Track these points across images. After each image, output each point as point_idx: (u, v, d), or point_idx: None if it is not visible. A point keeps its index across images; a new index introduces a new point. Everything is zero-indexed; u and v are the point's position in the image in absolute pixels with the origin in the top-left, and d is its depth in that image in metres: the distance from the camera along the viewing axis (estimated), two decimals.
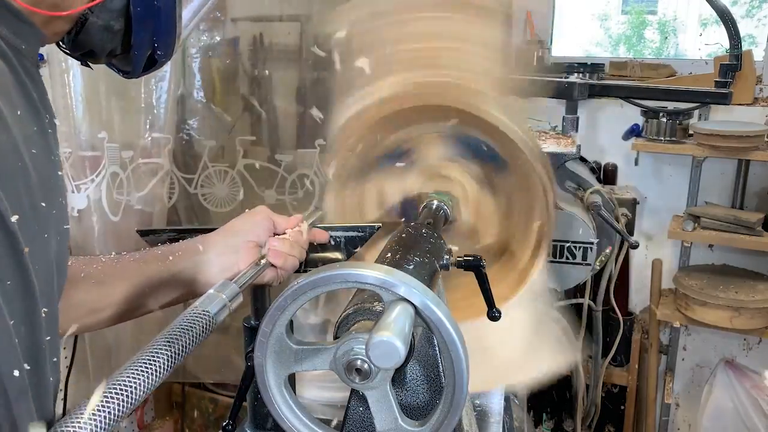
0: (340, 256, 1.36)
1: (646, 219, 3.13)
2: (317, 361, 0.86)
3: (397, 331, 0.74)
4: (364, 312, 0.92)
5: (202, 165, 3.16)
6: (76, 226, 2.76)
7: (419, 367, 0.97)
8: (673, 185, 3.07)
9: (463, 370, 0.80)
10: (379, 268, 0.80)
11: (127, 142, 2.84)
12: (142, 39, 0.96)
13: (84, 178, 2.71)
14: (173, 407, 3.62)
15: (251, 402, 1.45)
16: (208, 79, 3.19)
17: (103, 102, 2.76)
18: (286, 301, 0.82)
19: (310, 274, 0.81)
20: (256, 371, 0.87)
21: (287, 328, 0.85)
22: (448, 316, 0.79)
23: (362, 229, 1.37)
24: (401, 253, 1.10)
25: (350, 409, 0.96)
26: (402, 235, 1.21)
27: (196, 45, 3.17)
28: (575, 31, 3.59)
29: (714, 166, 2.95)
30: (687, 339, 3.24)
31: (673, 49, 3.55)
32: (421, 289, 0.79)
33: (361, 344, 0.82)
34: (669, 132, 2.77)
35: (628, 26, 3.72)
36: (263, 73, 3.24)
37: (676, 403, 3.31)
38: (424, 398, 0.97)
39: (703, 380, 3.19)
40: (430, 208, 1.50)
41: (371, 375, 0.82)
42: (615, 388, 3.24)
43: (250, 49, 3.26)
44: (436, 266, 1.15)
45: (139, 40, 0.96)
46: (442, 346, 0.81)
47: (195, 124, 3.17)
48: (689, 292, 2.79)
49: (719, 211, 2.80)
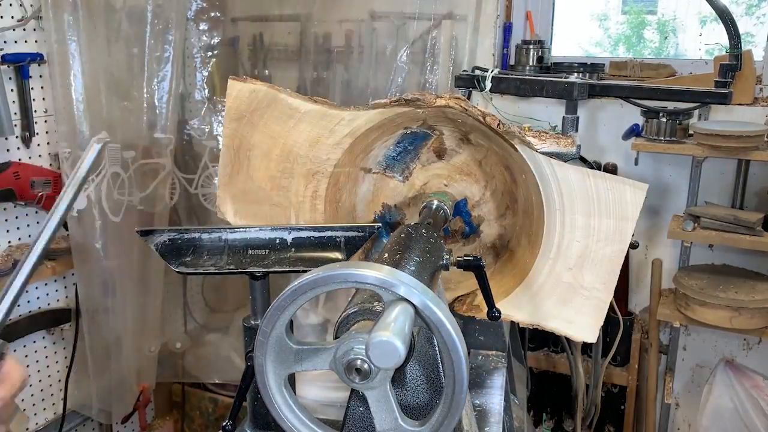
0: (340, 256, 1.36)
1: (646, 219, 3.13)
2: (317, 360, 0.86)
3: (397, 331, 0.74)
4: (364, 312, 0.92)
5: (203, 165, 3.16)
6: (76, 226, 2.76)
7: (419, 367, 0.97)
8: (673, 185, 3.07)
9: (463, 370, 0.80)
10: (379, 268, 0.80)
11: (129, 143, 2.84)
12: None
13: None
14: (173, 407, 3.62)
15: (251, 402, 1.44)
16: (209, 79, 3.20)
17: (104, 102, 2.76)
18: (285, 301, 0.82)
19: (309, 274, 0.81)
20: (256, 371, 0.87)
21: (287, 328, 0.85)
22: (448, 316, 0.79)
23: (362, 229, 1.37)
24: (401, 253, 1.10)
25: (350, 408, 0.96)
26: (402, 235, 1.21)
27: (197, 45, 3.17)
28: (575, 31, 3.59)
29: (714, 166, 2.95)
30: (687, 339, 3.23)
31: (673, 49, 3.55)
32: (421, 289, 0.79)
33: (361, 344, 0.82)
34: (669, 132, 2.77)
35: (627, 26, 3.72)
36: (263, 72, 3.25)
37: (676, 403, 3.31)
38: (424, 398, 0.97)
39: (703, 380, 3.18)
40: (430, 208, 1.50)
41: (371, 375, 0.82)
42: (615, 388, 3.24)
43: (250, 49, 3.27)
44: (436, 266, 1.15)
45: None
46: (442, 346, 0.81)
47: (195, 124, 3.18)
48: (689, 292, 2.79)
49: (719, 211, 2.79)
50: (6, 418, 0.99)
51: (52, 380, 3.03)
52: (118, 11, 2.80)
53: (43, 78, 2.75)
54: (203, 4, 3.13)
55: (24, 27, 2.65)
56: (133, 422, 3.32)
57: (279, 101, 1.42)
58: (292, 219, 1.53)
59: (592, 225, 1.33)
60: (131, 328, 3.02)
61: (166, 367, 3.41)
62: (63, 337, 3.03)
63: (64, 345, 3.05)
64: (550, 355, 3.32)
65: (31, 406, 2.94)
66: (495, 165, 1.59)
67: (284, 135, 1.46)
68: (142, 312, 3.06)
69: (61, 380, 3.05)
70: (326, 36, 3.12)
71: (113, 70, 2.82)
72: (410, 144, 1.59)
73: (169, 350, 3.39)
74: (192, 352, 3.47)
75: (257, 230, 1.37)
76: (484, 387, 1.55)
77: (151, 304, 3.09)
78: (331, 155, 1.48)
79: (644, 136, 2.83)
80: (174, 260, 1.34)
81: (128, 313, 2.99)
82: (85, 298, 2.89)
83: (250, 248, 1.36)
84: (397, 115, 1.42)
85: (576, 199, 1.32)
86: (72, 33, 2.63)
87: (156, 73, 2.83)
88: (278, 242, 1.36)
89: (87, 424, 3.18)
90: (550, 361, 3.32)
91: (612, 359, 3.15)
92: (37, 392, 2.97)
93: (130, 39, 2.81)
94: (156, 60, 2.82)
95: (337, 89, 3.09)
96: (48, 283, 2.93)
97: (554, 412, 3.41)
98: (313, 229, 1.37)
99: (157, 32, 2.79)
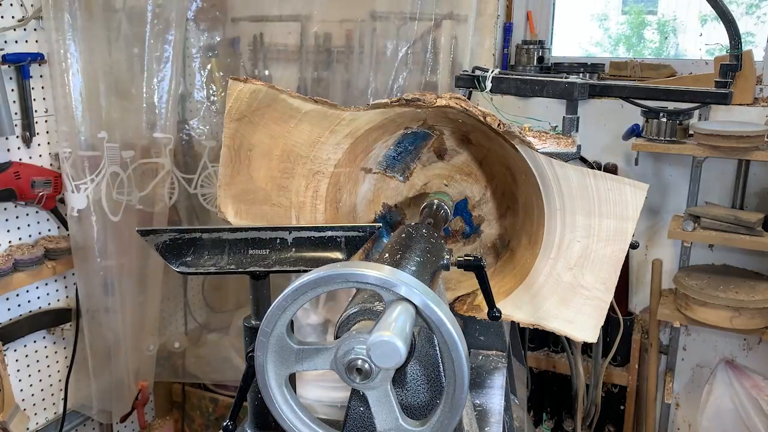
0: (340, 256, 1.36)
1: (646, 219, 3.14)
2: (318, 360, 0.86)
3: (397, 331, 0.74)
4: (364, 312, 0.92)
5: (202, 165, 3.16)
6: (76, 226, 2.76)
7: (420, 367, 0.97)
8: (673, 185, 3.07)
9: (463, 369, 0.80)
10: (379, 268, 0.80)
11: (128, 142, 2.84)
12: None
13: (84, 178, 2.71)
14: (173, 407, 3.63)
15: (252, 402, 1.45)
16: (209, 78, 3.20)
17: (103, 102, 2.77)
18: (286, 301, 0.82)
19: (310, 274, 0.81)
20: (256, 371, 0.87)
21: (288, 328, 0.85)
22: (448, 316, 0.79)
23: (362, 229, 1.37)
24: (402, 253, 1.10)
25: (351, 408, 0.97)
26: (402, 235, 1.21)
27: (197, 45, 3.17)
28: (575, 32, 3.59)
29: (714, 166, 2.95)
30: (687, 339, 3.24)
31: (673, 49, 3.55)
32: (422, 289, 0.79)
33: (362, 344, 0.82)
34: (669, 132, 2.77)
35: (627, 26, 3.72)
36: (263, 72, 3.25)
37: (676, 403, 3.31)
38: (425, 398, 0.97)
39: (703, 380, 3.18)
40: (430, 208, 1.50)
41: (372, 375, 0.82)
42: (615, 388, 3.24)
43: (250, 49, 3.27)
44: (437, 266, 1.15)
45: None
46: (442, 346, 0.81)
47: (195, 124, 3.18)
48: (689, 292, 2.79)
49: (719, 211, 2.79)
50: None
51: (52, 380, 3.03)
52: (118, 11, 2.80)
53: (44, 78, 2.76)
54: (203, 4, 3.13)
55: (24, 27, 2.65)
56: (133, 422, 3.32)
57: (279, 101, 1.42)
58: (292, 219, 1.53)
59: (592, 225, 1.33)
60: (131, 327, 3.02)
61: (167, 367, 3.41)
62: (63, 337, 3.03)
63: (65, 345, 3.05)
64: (550, 355, 3.33)
65: (32, 405, 2.94)
66: (495, 165, 1.59)
67: (285, 135, 1.46)
68: (142, 311, 3.06)
69: (61, 380, 3.05)
70: (326, 36, 3.12)
71: (113, 69, 2.82)
72: (411, 144, 1.59)
73: (169, 350, 3.39)
74: (192, 351, 3.47)
75: (258, 230, 1.37)
76: (485, 387, 1.56)
77: (150, 303, 3.09)
78: (332, 155, 1.48)
79: (644, 137, 2.83)
80: (174, 260, 1.34)
81: (128, 313, 2.99)
82: (85, 297, 2.89)
83: (250, 248, 1.37)
84: (397, 115, 1.42)
85: (576, 199, 1.31)
86: (72, 33, 2.64)
87: (156, 72, 2.83)
88: (279, 242, 1.37)
89: (87, 423, 3.18)
90: (550, 361, 3.32)
91: (612, 359, 3.15)
92: (38, 392, 2.97)
93: (130, 39, 2.82)
94: (156, 60, 2.82)
95: (337, 89, 3.09)
96: (48, 282, 2.93)
97: (554, 412, 3.41)
98: (314, 229, 1.37)
99: (157, 32, 2.79)
